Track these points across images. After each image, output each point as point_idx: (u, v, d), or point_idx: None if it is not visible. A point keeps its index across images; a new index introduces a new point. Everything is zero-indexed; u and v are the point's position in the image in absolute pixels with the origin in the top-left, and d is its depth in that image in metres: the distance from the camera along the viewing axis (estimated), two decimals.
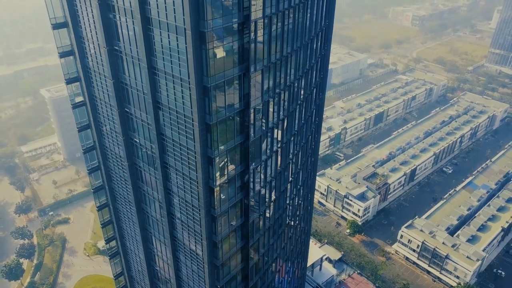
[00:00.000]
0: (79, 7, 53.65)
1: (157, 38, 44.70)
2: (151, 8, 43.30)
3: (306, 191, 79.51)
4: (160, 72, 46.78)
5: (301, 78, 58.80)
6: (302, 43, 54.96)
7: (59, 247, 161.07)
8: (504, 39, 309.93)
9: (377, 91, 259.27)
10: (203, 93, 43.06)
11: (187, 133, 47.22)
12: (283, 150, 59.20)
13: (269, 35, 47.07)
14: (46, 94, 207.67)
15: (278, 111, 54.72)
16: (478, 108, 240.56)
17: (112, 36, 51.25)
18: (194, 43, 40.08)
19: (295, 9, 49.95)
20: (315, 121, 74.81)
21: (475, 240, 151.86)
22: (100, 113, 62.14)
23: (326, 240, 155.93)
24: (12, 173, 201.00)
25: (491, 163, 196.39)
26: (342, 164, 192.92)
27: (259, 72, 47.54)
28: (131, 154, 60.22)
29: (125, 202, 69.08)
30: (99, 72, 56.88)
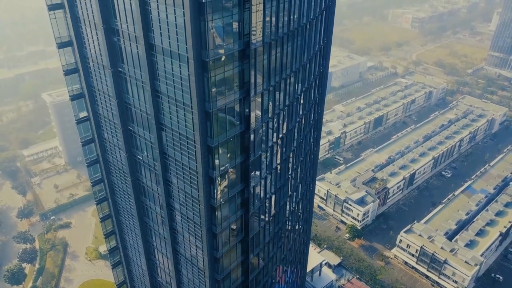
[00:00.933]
0: (84, 29, 54.97)
1: (160, 63, 46.06)
2: (154, 35, 44.64)
3: (305, 203, 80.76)
4: (163, 96, 48.15)
5: (300, 96, 60.05)
6: (301, 64, 56.22)
7: (60, 251, 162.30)
8: (504, 41, 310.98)
9: (376, 94, 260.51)
10: (205, 117, 44.44)
11: (189, 154, 48.55)
12: (282, 165, 60.46)
13: (269, 60, 48.41)
14: (47, 99, 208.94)
15: (278, 130, 55.99)
16: (477, 111, 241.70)
17: (116, 58, 52.56)
18: (197, 71, 41.46)
19: (294, 33, 51.16)
20: (314, 135, 75.99)
21: (473, 245, 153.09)
22: (103, 129, 63.47)
23: (325, 245, 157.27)
24: (14, 177, 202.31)
25: (489, 167, 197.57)
26: (342, 169, 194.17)
27: (259, 96, 48.86)
28: (134, 170, 61.52)
29: (127, 215, 70.38)
30: (103, 91, 58.23)
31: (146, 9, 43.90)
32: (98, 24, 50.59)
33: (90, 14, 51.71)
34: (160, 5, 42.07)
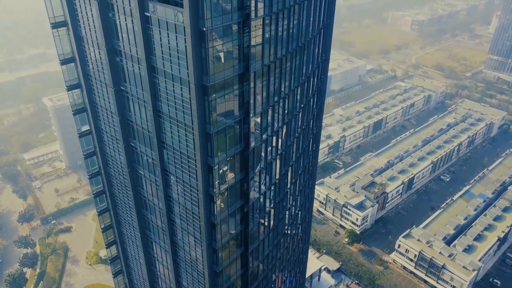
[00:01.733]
0: (87, 48, 56.04)
1: (162, 85, 47.14)
2: (156, 58, 45.72)
3: (304, 214, 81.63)
4: (165, 116, 49.24)
5: (299, 113, 61.01)
6: (299, 83, 57.20)
7: (61, 256, 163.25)
8: (503, 44, 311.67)
9: (376, 98, 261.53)
10: (206, 138, 45.54)
11: (190, 172, 49.63)
12: (281, 180, 61.27)
13: (268, 81, 49.51)
14: (48, 103, 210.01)
15: (277, 146, 57.00)
16: (475, 115, 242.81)
17: (118, 77, 53.64)
18: (198, 95, 42.53)
19: (292, 54, 51.93)
20: (313, 147, 76.80)
21: (471, 249, 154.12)
22: (105, 144, 64.51)
23: (324, 250, 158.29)
24: (14, 181, 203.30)
25: (488, 171, 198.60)
26: (341, 173, 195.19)
27: (258, 116, 49.94)
28: (136, 184, 62.62)
29: (129, 226, 71.38)
30: (105, 108, 59.28)
31: (148, 34, 45.00)
32: (101, 45, 51.66)
33: (93, 34, 52.74)
34: (162, 30, 43.16)
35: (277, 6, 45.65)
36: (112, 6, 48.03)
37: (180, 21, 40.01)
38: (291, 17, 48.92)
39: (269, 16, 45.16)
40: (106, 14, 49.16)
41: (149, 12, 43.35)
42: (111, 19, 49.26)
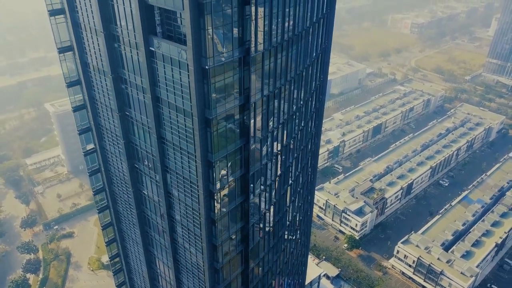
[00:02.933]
0: (93, 74, 57.83)
1: (166, 114, 48.93)
2: (160, 90, 47.51)
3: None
4: (169, 143, 51.04)
5: (297, 135, 62.71)
6: (301, 102, 58.85)
7: (64, 261, 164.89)
8: (502, 48, 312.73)
9: (375, 102, 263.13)
10: (208, 166, 47.33)
11: (193, 196, 51.41)
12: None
13: (267, 110, 51.31)
14: (50, 109, 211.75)
15: (276, 170, 58.73)
16: (474, 120, 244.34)
17: (124, 103, 55.41)
18: (200, 126, 44.30)
19: (291, 82, 53.53)
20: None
21: (469, 255, 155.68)
22: (110, 164, 66.29)
23: (324, 257, 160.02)
24: (17, 186, 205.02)
25: (486, 177, 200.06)
26: (341, 178, 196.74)
27: (258, 143, 51.69)
28: (139, 203, 64.40)
29: (133, 243, 73.07)
30: (110, 130, 61.04)
31: (153, 66, 46.76)
32: (107, 72, 53.40)
33: (99, 62, 54.51)
34: (166, 65, 44.91)
35: (276, 39, 47.39)
36: (118, 38, 49.79)
37: (183, 58, 41.79)
38: (289, 47, 50.66)
39: (268, 50, 46.91)
40: (112, 44, 50.93)
41: (153, 47, 45.13)
42: (117, 50, 51.04)
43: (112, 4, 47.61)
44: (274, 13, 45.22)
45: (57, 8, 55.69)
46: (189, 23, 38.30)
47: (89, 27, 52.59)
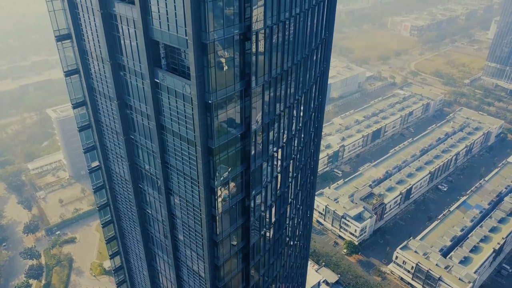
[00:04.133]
0: (99, 99, 59.58)
1: (170, 141, 50.66)
2: (165, 119, 49.24)
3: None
4: (172, 168, 52.82)
5: (296, 155, 64.29)
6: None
7: (66, 267, 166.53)
8: (501, 51, 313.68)
9: (375, 106, 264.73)
10: (210, 191, 49.11)
11: (195, 219, 53.24)
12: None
13: (267, 136, 53.08)
14: (52, 114, 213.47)
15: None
16: (473, 124, 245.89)
17: (129, 127, 57.12)
18: (203, 155, 46.09)
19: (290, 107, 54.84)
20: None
21: (467, 261, 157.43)
22: (114, 183, 68.13)
23: (323, 262, 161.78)
24: (19, 191, 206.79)
25: (484, 182, 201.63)
26: (340, 183, 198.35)
27: (258, 165, 53.54)
28: (143, 221, 66.21)
29: (137, 260, 74.81)
30: (115, 152, 62.79)
31: (157, 97, 48.46)
32: (112, 98, 55.10)
33: (105, 88, 56.22)
34: (170, 96, 46.58)
35: (276, 70, 49.13)
36: (124, 67, 51.48)
37: (187, 92, 43.49)
38: (288, 77, 52.40)
39: (268, 82, 48.63)
40: (118, 72, 52.61)
41: (158, 79, 46.82)
42: (122, 78, 52.72)
43: (118, 36, 49.33)
44: (274, 47, 46.91)
45: (64, 33, 57.32)
46: (193, 61, 40.00)
47: (95, 54, 54.31)
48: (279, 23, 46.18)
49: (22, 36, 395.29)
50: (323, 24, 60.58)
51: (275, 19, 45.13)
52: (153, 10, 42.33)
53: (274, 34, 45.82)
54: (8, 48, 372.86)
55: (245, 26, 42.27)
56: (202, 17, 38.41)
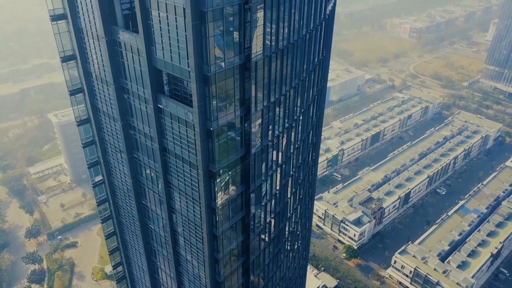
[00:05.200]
0: (103, 119, 61.20)
1: (172, 162, 52.30)
2: (168, 142, 50.90)
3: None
4: (175, 188, 54.48)
5: (294, 173, 65.78)
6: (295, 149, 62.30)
7: (68, 271, 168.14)
8: (500, 53, 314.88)
9: (374, 110, 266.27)
10: (211, 211, 50.85)
11: (197, 237, 54.91)
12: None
13: (266, 158, 54.77)
14: (53, 119, 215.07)
15: (274, 211, 62.09)
16: (472, 128, 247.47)
17: (132, 146, 58.83)
18: (205, 177, 47.77)
19: (289, 128, 56.42)
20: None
21: (465, 266, 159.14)
22: (118, 198, 69.80)
23: (323, 267, 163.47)
24: (21, 195, 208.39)
25: (482, 186, 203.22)
26: (339, 188, 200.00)
27: (258, 185, 55.31)
28: (146, 235, 67.84)
29: (139, 271, 76.44)
30: (119, 170, 64.48)
31: (161, 121, 50.11)
32: (116, 119, 56.78)
33: (109, 108, 57.84)
34: (173, 122, 48.26)
35: (274, 96, 50.87)
36: (128, 91, 53.11)
37: (190, 119, 45.13)
38: (287, 100, 54.07)
39: (267, 107, 50.29)
40: (122, 95, 54.26)
41: (162, 105, 48.47)
42: (126, 100, 54.34)
43: (123, 61, 50.94)
44: (273, 73, 48.60)
45: (69, 54, 58.93)
46: (195, 91, 41.65)
47: (100, 78, 55.93)
48: (278, 51, 47.83)
49: (23, 38, 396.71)
50: (320, 46, 62.21)
51: (273, 48, 46.79)
52: (156, 41, 43.99)
53: (272, 62, 47.48)
54: (9, 51, 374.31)
55: (245, 56, 43.99)
56: (204, 50, 40.07)
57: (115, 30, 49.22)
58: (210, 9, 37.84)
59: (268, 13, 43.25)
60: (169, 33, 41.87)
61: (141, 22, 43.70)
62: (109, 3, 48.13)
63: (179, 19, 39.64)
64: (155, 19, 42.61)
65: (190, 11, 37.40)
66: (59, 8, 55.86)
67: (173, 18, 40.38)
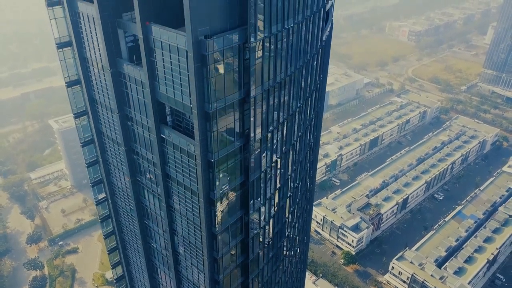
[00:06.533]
0: (108, 145, 63.08)
1: (174, 188, 54.17)
2: (170, 169, 52.80)
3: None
4: (176, 212, 56.41)
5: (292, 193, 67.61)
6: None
7: (69, 277, 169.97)
8: (498, 57, 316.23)
9: (372, 114, 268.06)
10: (212, 236, 52.83)
11: (198, 259, 56.88)
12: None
13: (265, 185, 56.68)
14: (54, 125, 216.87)
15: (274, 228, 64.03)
16: (469, 132, 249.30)
17: (135, 170, 60.71)
18: (206, 205, 49.71)
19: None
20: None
21: (461, 272, 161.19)
22: (121, 220, 71.85)
23: (321, 274, 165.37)
24: (22, 201, 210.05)
25: (479, 191, 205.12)
26: (338, 193, 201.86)
27: (256, 211, 57.23)
28: (148, 254, 69.76)
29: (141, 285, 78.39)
30: (122, 190, 66.31)
31: (163, 150, 51.98)
32: (120, 144, 58.64)
33: (113, 134, 59.58)
34: (176, 151, 50.15)
35: (272, 125, 52.73)
36: (131, 119, 54.93)
37: (192, 150, 47.00)
38: (284, 127, 55.97)
39: (265, 136, 52.22)
40: (126, 122, 56.06)
41: (164, 135, 50.34)
42: (130, 127, 56.19)
43: (127, 92, 52.78)
44: (271, 106, 50.47)
45: (74, 79, 60.73)
46: (197, 127, 43.53)
47: (104, 104, 57.72)
48: (275, 85, 49.70)
49: (22, 41, 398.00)
50: (317, 72, 64.07)
51: (271, 82, 48.65)
52: (160, 77, 45.81)
53: (270, 95, 49.34)
54: (9, 54, 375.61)
55: (244, 92, 45.91)
56: (205, 89, 41.94)
57: (119, 62, 51.00)
58: (211, 52, 39.73)
59: (266, 50, 45.09)
60: (172, 71, 43.71)
61: (145, 59, 45.50)
62: (114, 35, 49.82)
63: (182, 59, 41.50)
64: (159, 57, 44.47)
65: (192, 54, 39.25)
66: (64, 36, 57.52)
67: (176, 58, 42.24)
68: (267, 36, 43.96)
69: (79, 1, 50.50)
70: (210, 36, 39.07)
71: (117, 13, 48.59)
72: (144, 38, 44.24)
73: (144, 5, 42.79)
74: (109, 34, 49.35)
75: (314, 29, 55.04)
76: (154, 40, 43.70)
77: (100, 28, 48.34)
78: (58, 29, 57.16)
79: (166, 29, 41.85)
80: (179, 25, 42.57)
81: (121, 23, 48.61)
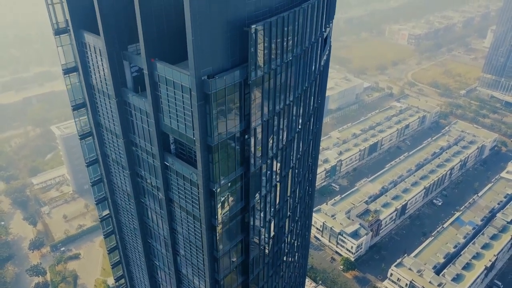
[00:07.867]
0: (113, 168, 64.80)
1: (177, 212, 56.06)
2: (173, 194, 54.64)
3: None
4: (179, 234, 58.35)
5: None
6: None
7: (71, 283, 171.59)
8: (497, 61, 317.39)
9: (372, 119, 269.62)
10: (213, 259, 54.73)
11: (200, 280, 58.72)
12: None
13: (265, 208, 58.54)
14: (56, 131, 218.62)
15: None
16: (468, 138, 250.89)
17: (139, 192, 62.56)
18: (207, 230, 51.58)
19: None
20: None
21: (459, 279, 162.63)
22: (125, 237, 73.68)
23: (320, 281, 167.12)
24: (24, 206, 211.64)
25: (478, 197, 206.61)
26: (337, 199, 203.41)
27: (257, 234, 59.04)
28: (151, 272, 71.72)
29: None
30: (126, 210, 68.11)
31: (167, 177, 53.84)
32: (125, 167, 60.44)
33: (118, 157, 61.44)
34: (179, 179, 52.06)
35: (271, 152, 54.56)
36: (136, 145, 56.76)
37: (194, 179, 48.84)
38: (283, 153, 57.83)
39: (265, 163, 54.06)
40: (130, 147, 57.87)
41: (168, 163, 52.15)
42: (135, 152, 58.01)
43: (131, 119, 54.58)
44: (270, 134, 52.26)
45: (79, 103, 62.49)
46: (200, 158, 45.36)
47: (109, 129, 59.51)
48: (275, 115, 51.54)
49: (24, 45, 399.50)
50: (316, 96, 65.89)
51: (271, 113, 50.46)
52: (164, 109, 47.64)
53: (270, 125, 51.15)
54: (10, 58, 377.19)
55: (245, 123, 47.71)
56: (208, 125, 43.76)
57: (125, 92, 52.78)
58: (214, 91, 41.53)
59: (266, 85, 46.91)
60: (176, 106, 45.53)
61: (150, 92, 47.34)
62: (119, 66, 51.60)
63: (186, 96, 43.31)
64: (163, 91, 46.29)
65: (196, 93, 41.08)
66: (71, 62, 59.28)
67: (180, 94, 44.07)
68: (266, 72, 45.76)
69: (86, 33, 52.19)
70: (212, 75, 40.85)
71: (123, 45, 50.36)
72: (149, 73, 46.05)
73: (150, 43, 44.52)
74: (115, 65, 51.09)
75: (312, 58, 56.77)
76: (159, 76, 45.50)
77: (106, 60, 50.09)
78: (65, 55, 58.78)
79: (171, 67, 43.67)
80: (182, 58, 44.33)
81: (126, 55, 50.37)
